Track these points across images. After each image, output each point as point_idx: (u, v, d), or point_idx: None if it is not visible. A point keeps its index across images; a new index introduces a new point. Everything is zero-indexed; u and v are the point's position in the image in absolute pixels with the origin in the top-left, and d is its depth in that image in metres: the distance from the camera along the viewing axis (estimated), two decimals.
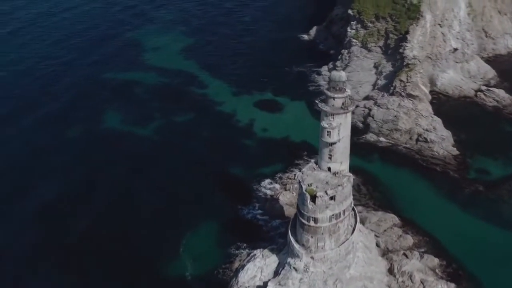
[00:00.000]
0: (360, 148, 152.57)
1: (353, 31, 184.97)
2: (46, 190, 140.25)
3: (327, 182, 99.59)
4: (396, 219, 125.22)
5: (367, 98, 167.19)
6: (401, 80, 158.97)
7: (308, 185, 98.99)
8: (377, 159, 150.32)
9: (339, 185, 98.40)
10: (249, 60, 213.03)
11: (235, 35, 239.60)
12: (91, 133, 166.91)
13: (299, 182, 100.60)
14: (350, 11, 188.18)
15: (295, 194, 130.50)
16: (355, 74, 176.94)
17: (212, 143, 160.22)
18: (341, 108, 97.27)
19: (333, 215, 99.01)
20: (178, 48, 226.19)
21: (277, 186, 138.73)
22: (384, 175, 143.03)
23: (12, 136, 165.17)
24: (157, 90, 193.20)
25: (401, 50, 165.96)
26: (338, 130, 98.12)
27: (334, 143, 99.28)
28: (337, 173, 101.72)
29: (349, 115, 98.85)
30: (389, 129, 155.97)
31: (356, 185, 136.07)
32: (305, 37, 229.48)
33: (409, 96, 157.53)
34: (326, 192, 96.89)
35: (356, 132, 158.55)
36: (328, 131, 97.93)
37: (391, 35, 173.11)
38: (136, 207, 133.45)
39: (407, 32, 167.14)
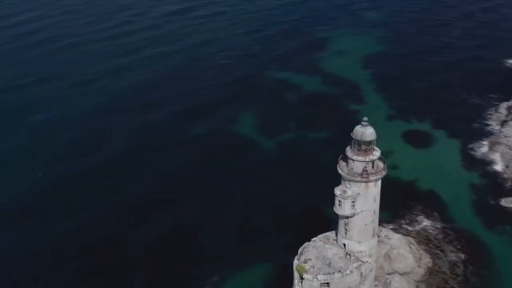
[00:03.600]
0: (492, 213, 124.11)
1: None
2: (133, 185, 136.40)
3: (329, 264, 78.65)
4: None
5: None
6: None
7: (304, 261, 79.03)
8: (506, 232, 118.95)
9: (338, 271, 76.64)
10: (429, 80, 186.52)
11: (433, 48, 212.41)
12: (214, 133, 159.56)
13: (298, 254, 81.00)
14: None
15: None
16: None
17: (327, 171, 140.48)
18: (361, 175, 74.96)
19: None
20: (362, 55, 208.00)
21: None
22: (501, 256, 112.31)
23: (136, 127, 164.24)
24: (310, 98, 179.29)
25: None
26: (353, 202, 76.17)
27: (349, 216, 77.45)
28: (351, 254, 79.66)
29: (373, 185, 76.15)
30: None
31: (451, 262, 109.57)
32: None
33: None
34: (316, 276, 76.13)
35: (501, 190, 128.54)
36: (339, 200, 76.52)
37: None
38: (194, 224, 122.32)
39: None
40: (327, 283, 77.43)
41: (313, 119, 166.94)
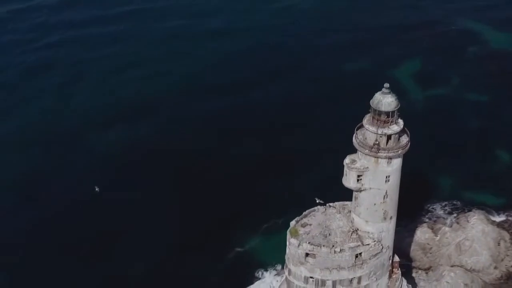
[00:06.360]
0: None
1: None
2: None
3: (327, 235, 72.35)
4: None
5: None
6: None
7: (302, 225, 73.70)
8: None
9: (328, 247, 70.28)
10: None
11: None
12: (369, 75, 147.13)
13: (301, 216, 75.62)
14: None
15: (439, 237, 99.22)
16: None
17: (468, 138, 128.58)
18: (370, 147, 66.69)
19: (311, 278, 72.24)
20: None
21: (446, 217, 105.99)
22: None
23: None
24: (491, 56, 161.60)
25: None
26: (360, 176, 68.31)
27: (355, 190, 70.09)
28: (357, 231, 72.44)
29: (384, 162, 67.07)
30: None
31: None
32: None
33: None
34: (301, 243, 70.76)
35: None
36: (346, 170, 69.32)
37: None
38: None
39: None
40: (314, 255, 70.72)
41: (480, 79, 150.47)
